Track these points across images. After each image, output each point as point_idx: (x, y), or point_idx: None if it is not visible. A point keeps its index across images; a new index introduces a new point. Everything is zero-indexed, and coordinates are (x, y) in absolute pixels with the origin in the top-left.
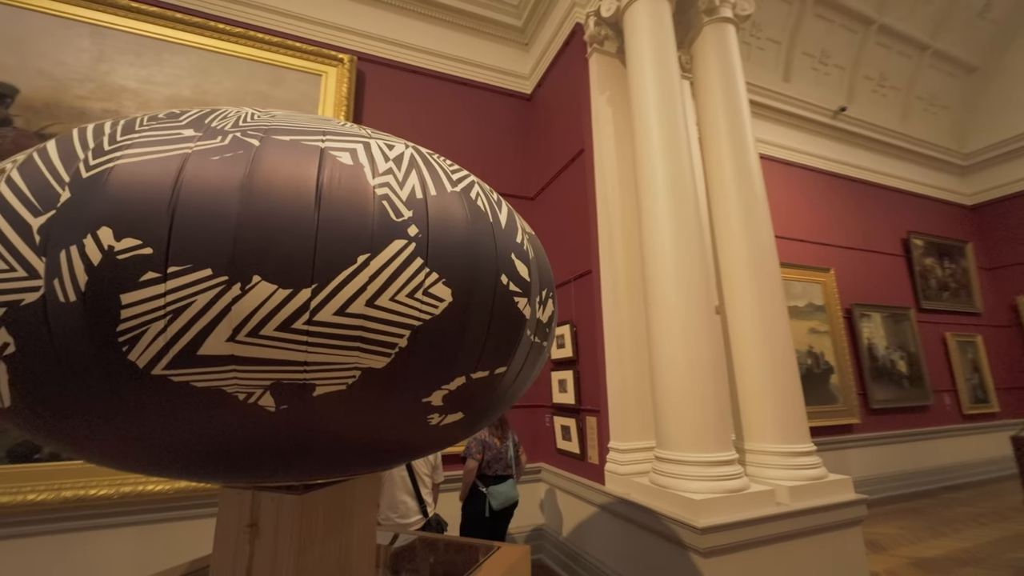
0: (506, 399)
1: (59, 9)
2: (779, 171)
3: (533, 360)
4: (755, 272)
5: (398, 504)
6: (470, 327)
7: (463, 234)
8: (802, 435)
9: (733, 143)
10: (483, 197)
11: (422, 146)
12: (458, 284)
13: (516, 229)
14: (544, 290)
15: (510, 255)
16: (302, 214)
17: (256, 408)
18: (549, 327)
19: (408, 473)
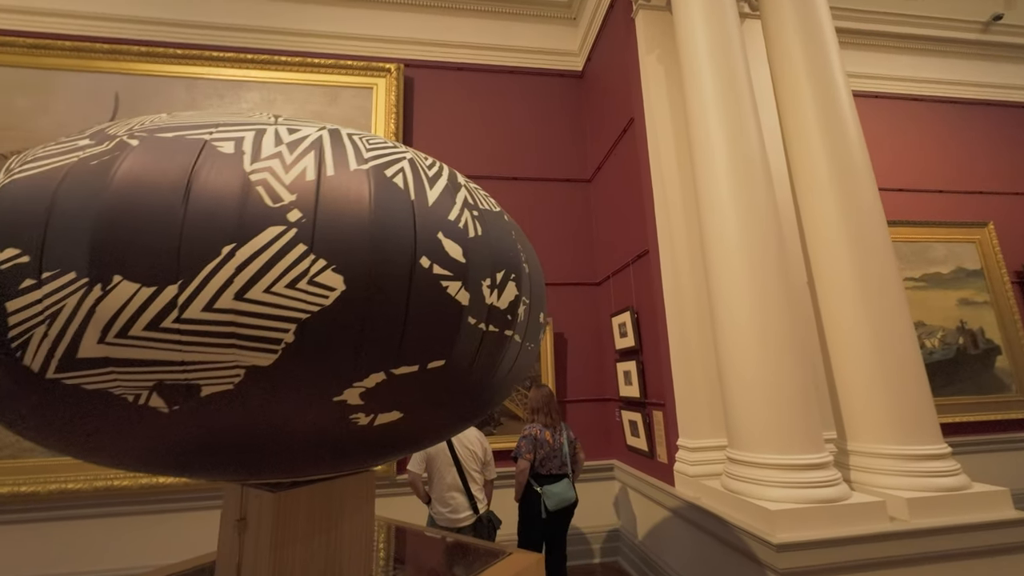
0: (475, 395)
1: (163, 70)
2: (907, 110)
3: (493, 351)
4: (853, 235)
5: (448, 500)
6: (374, 318)
7: (362, 216)
8: (928, 433)
9: (815, 83)
10: (407, 174)
11: (472, 140)
12: (353, 270)
13: (451, 206)
14: (501, 272)
15: (436, 235)
16: (168, 209)
17: (149, 409)
18: (513, 313)
19: (457, 469)
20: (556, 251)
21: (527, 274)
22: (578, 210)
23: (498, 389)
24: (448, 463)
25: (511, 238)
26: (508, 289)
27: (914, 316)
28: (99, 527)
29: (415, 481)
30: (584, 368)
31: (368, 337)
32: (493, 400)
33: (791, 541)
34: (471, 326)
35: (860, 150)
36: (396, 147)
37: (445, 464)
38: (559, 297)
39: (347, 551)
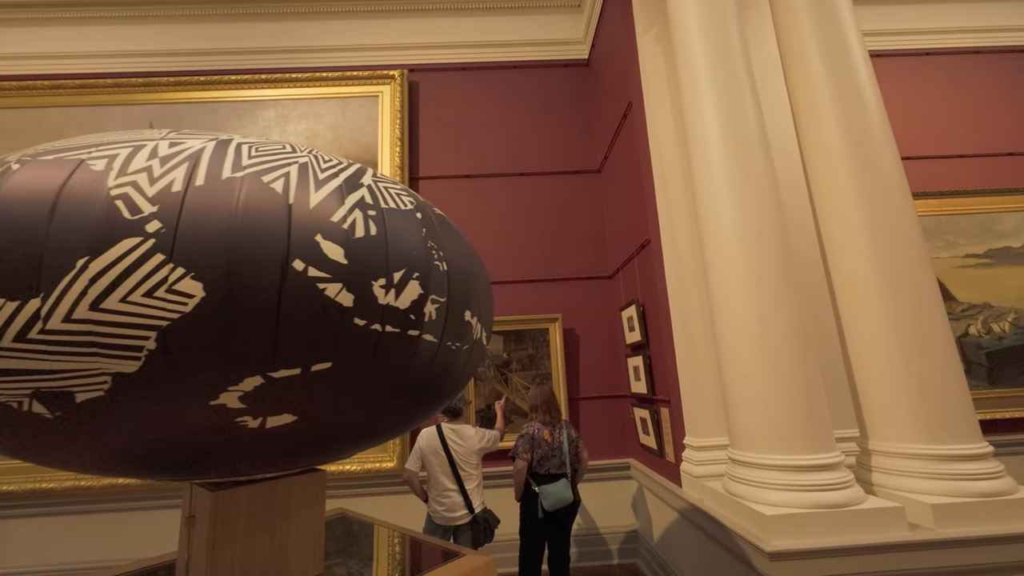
0: (394, 397)
1: (189, 97)
2: (953, 66)
3: (398, 352)
4: (871, 211)
5: (442, 498)
6: (239, 322)
7: (225, 223)
8: (961, 431)
9: (822, 44)
10: (291, 178)
11: (479, 139)
12: (213, 277)
13: (337, 208)
14: (400, 271)
15: (313, 237)
16: (34, 225)
17: (36, 416)
18: (418, 313)
19: (451, 467)
20: (567, 245)
21: (442, 272)
22: (588, 202)
23: (429, 389)
24: (443, 461)
25: (418, 236)
26: (409, 288)
27: (979, 297)
28: (80, 523)
29: (411, 479)
30: (598, 364)
31: (234, 341)
32: (430, 400)
33: (787, 549)
34: (360, 327)
35: (878, 116)
36: (291, 153)
37: (439, 462)
38: (569, 292)
39: (293, 550)
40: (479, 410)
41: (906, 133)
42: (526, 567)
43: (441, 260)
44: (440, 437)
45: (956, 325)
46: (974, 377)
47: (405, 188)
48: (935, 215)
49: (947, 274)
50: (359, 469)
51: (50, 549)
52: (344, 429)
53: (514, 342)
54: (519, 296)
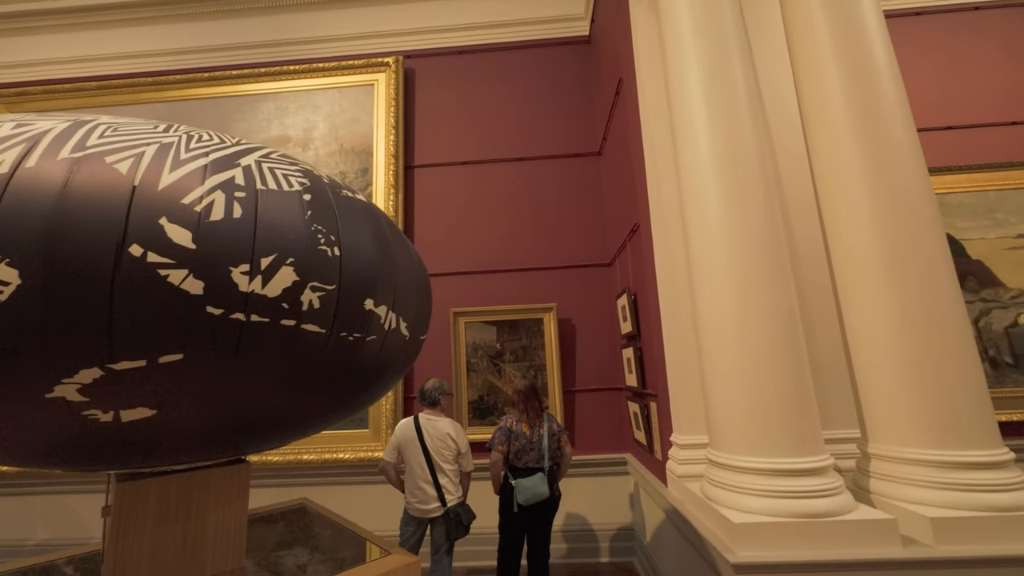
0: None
1: (193, 94)
2: (978, 26)
3: (265, 343)
4: (878, 189)
5: (416, 490)
6: (60, 311)
7: (47, 205)
8: (974, 435)
9: None
10: (143, 158)
11: (477, 124)
12: (30, 263)
13: (192, 189)
14: (269, 256)
15: (157, 221)
16: None
17: None
18: (293, 301)
19: (425, 458)
20: (566, 231)
21: (332, 258)
22: (590, 186)
23: (337, 382)
24: (417, 453)
25: (299, 219)
26: (281, 275)
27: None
28: None
29: (386, 469)
30: (596, 355)
31: (58, 331)
32: (343, 393)
33: (753, 562)
34: (215, 317)
35: (891, 81)
36: (157, 132)
37: (414, 454)
38: (566, 281)
39: (211, 542)
40: (471, 401)
41: (950, 99)
42: (502, 561)
43: (331, 245)
44: (416, 427)
45: (1004, 314)
46: (1023, 372)
47: (303, 169)
48: (982, 190)
49: (994, 256)
50: (351, 458)
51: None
52: (224, 423)
53: (507, 332)
54: (513, 285)
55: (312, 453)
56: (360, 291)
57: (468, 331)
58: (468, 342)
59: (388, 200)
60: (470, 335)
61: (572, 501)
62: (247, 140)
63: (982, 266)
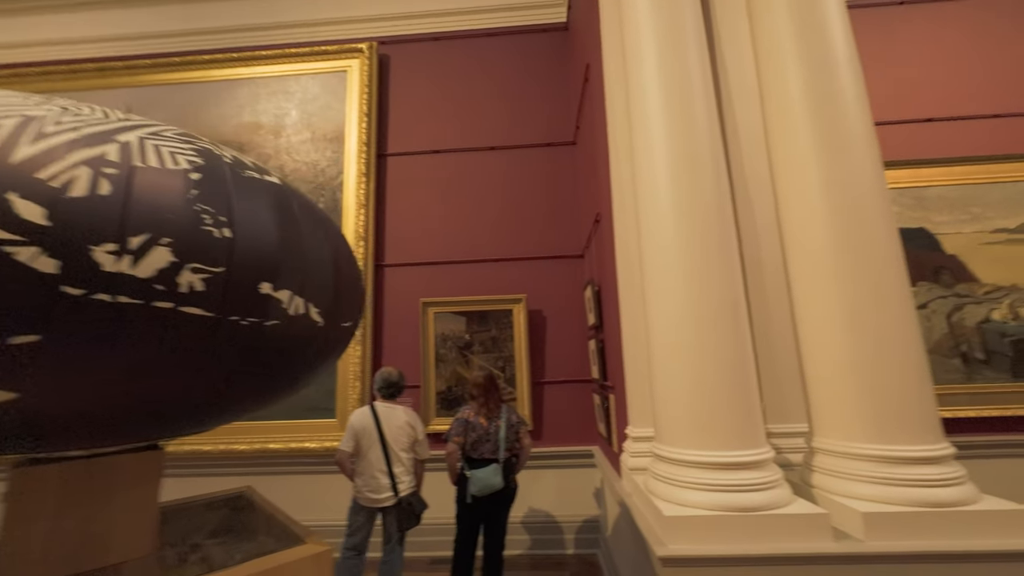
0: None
1: (165, 79)
2: (1003, 9)
3: (139, 326)
4: (830, 178)
5: (370, 479)
6: None
7: None
8: (917, 430)
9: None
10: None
11: (453, 112)
12: None
13: (51, 162)
14: (141, 235)
15: (4, 195)
16: None
17: None
18: (168, 282)
19: (381, 447)
20: (540, 222)
21: (220, 239)
22: (564, 175)
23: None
24: (374, 442)
25: (179, 198)
26: (155, 255)
27: (1007, 278)
28: None
29: (341, 461)
30: (566, 347)
31: None
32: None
33: (681, 555)
34: (75, 297)
35: (848, 65)
36: (24, 105)
37: (371, 443)
38: (537, 272)
39: (118, 530)
40: (439, 392)
41: (929, 92)
42: (457, 552)
43: (220, 226)
44: (373, 415)
45: (977, 309)
46: (995, 368)
47: (200, 148)
48: (959, 184)
49: (971, 251)
50: (318, 447)
51: None
52: (109, 407)
53: (477, 323)
54: (484, 275)
55: (279, 442)
56: (256, 274)
57: (437, 322)
58: (437, 333)
59: (359, 188)
60: (439, 326)
61: (539, 493)
62: (157, 121)
63: (957, 261)
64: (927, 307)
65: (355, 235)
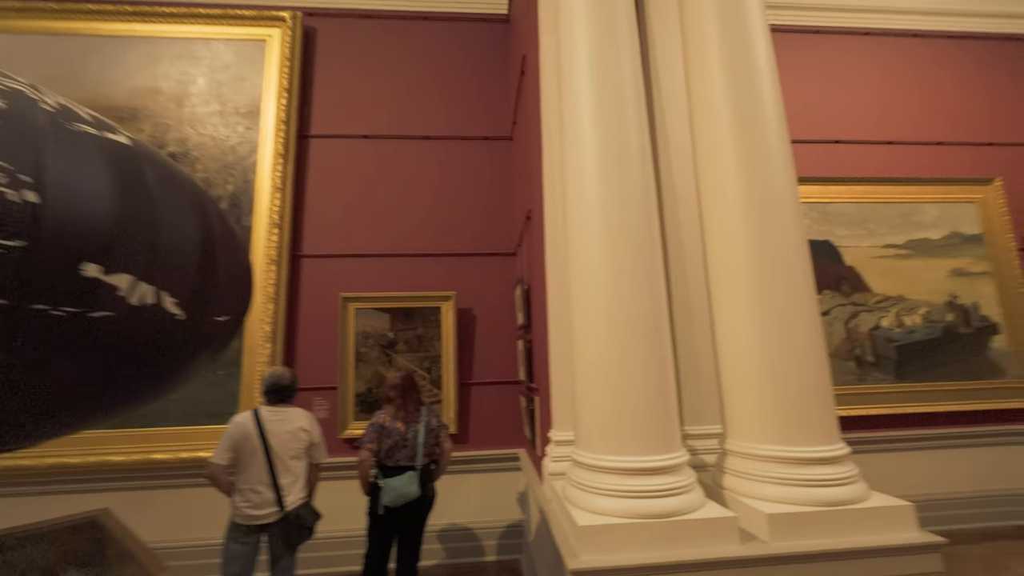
0: None
1: (38, 27)
2: (901, 49)
3: None
4: (750, 185)
5: (249, 493)
6: None
7: None
8: (818, 432)
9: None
10: None
11: (384, 96)
12: None
13: None
14: None
15: None
16: None
17: None
18: None
19: (265, 457)
20: (473, 217)
21: (15, 204)
22: (499, 172)
23: (38, 369)
24: (256, 451)
25: None
26: None
27: (894, 289)
28: None
29: (214, 474)
30: (496, 347)
31: None
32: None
33: (593, 567)
34: None
35: (769, 83)
36: None
37: (252, 454)
38: (469, 269)
39: None
40: (359, 394)
41: (833, 115)
42: (367, 568)
43: (20, 187)
44: (256, 421)
45: (870, 317)
46: (882, 371)
47: (6, 89)
48: (858, 202)
49: (865, 264)
50: None
51: None
52: None
53: (402, 320)
54: (411, 270)
55: (166, 452)
56: (75, 252)
57: (359, 318)
58: (358, 330)
59: (276, 170)
60: (361, 322)
61: (462, 499)
62: None
63: (854, 272)
64: (829, 314)
65: (269, 221)
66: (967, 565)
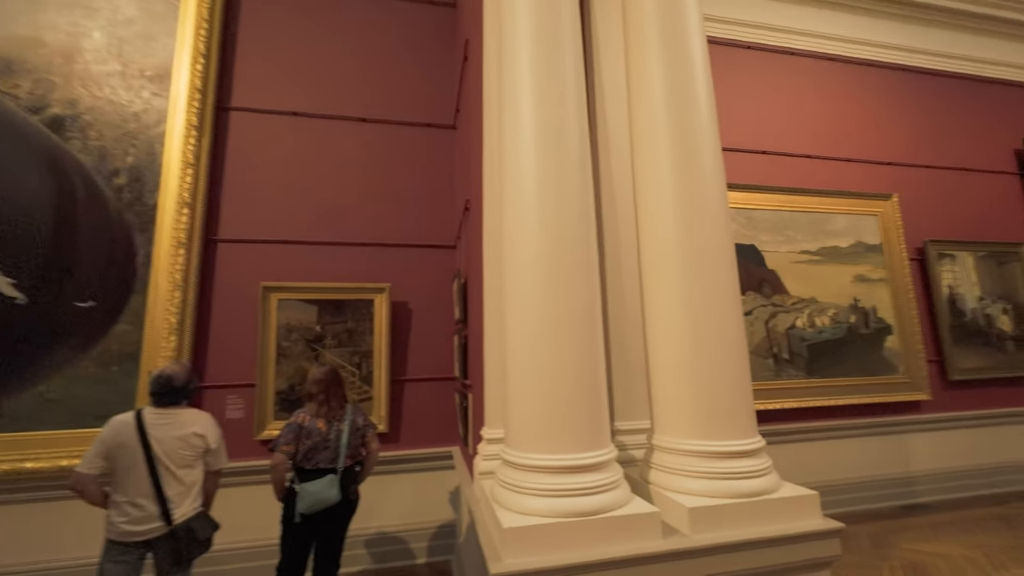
0: None
1: None
2: (819, 71)
3: None
4: (684, 186)
5: (127, 507)
6: None
7: None
8: (737, 427)
9: (662, 17)
10: None
11: (318, 72)
12: None
13: None
14: None
15: None
16: None
17: None
18: None
19: (148, 466)
20: (412, 207)
21: None
22: (441, 161)
23: None
24: (136, 461)
25: None
26: None
27: (808, 292)
28: None
29: (81, 483)
30: (433, 342)
31: None
32: None
33: (512, 571)
34: None
35: (704, 90)
36: None
37: (132, 462)
38: (406, 260)
39: None
40: (280, 391)
41: (758, 127)
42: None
43: None
44: (138, 426)
45: (787, 317)
46: (796, 367)
47: None
48: (779, 210)
49: (785, 268)
50: None
51: None
52: None
53: (331, 313)
54: (343, 260)
55: (44, 459)
56: None
57: (282, 310)
58: (281, 323)
59: (188, 143)
60: (284, 314)
61: (391, 501)
62: None
63: (775, 275)
64: (752, 314)
65: (178, 200)
66: (858, 543)
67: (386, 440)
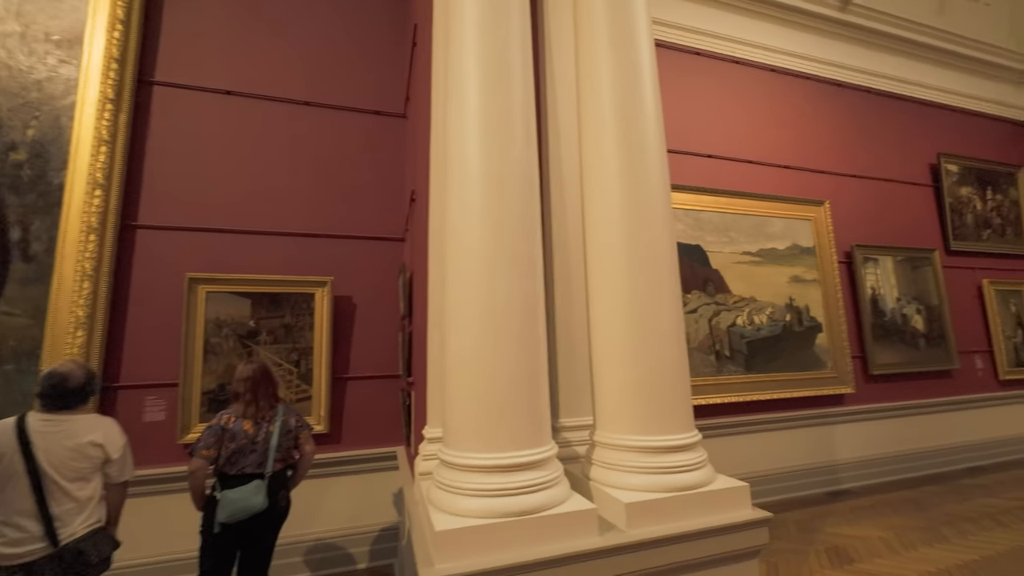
0: None
1: None
2: (763, 80)
3: None
4: (628, 187)
5: (2, 527)
6: None
7: None
8: (673, 422)
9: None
10: None
11: (258, 52)
12: None
13: None
14: None
15: None
16: None
17: None
18: None
19: (31, 484)
20: (358, 197)
21: None
22: (390, 150)
23: None
24: (15, 474)
25: None
26: None
27: (748, 291)
28: None
29: None
30: (377, 338)
31: None
32: None
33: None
34: None
35: (650, 89)
36: None
37: (9, 474)
38: (351, 253)
39: None
40: (207, 391)
41: (711, 132)
42: None
43: None
44: (18, 434)
45: (728, 315)
46: (736, 363)
47: None
48: (723, 212)
49: (727, 268)
50: None
51: None
52: None
53: (267, 307)
54: (280, 251)
55: None
56: None
57: (210, 303)
58: (210, 317)
59: (102, 118)
60: (213, 308)
61: (331, 504)
62: None
63: (719, 275)
64: (697, 311)
65: (90, 180)
66: (787, 529)
67: (326, 441)
